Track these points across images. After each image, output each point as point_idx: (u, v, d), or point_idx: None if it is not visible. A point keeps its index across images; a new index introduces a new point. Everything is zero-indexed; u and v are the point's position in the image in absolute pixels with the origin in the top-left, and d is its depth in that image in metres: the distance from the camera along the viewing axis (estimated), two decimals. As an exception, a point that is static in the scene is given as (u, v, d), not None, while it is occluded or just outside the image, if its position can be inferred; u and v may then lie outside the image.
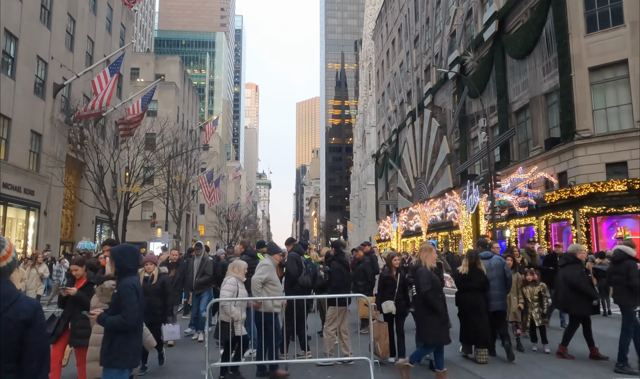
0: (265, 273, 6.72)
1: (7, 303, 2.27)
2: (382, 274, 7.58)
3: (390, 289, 7.30)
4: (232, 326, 6.29)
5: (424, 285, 6.28)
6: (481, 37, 29.93)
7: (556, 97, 23.09)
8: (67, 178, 25.86)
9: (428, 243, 9.71)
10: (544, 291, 8.45)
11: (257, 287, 6.56)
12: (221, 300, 6.43)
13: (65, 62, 24.90)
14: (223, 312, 6.35)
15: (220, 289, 6.63)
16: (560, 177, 22.31)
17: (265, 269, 6.77)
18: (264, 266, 6.82)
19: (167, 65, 53.03)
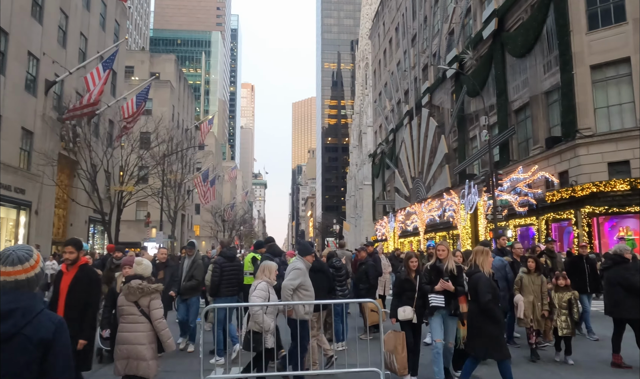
0: (298, 279, 6.16)
1: (27, 318, 2.07)
2: (399, 277, 6.75)
3: (408, 294, 6.49)
4: None
5: (485, 294, 5.62)
6: (480, 35, 29.63)
7: (557, 95, 22.80)
8: (60, 177, 25.34)
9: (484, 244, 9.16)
10: (575, 299, 7.75)
11: (287, 294, 6.04)
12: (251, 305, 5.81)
13: (57, 58, 24.38)
14: (253, 321, 5.74)
15: (250, 294, 6.01)
16: (561, 176, 22.01)
17: (297, 274, 6.19)
18: (296, 271, 6.22)
19: (162, 64, 52.48)
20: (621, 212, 19.43)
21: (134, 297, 4.97)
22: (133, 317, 4.92)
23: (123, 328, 4.93)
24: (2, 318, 2.04)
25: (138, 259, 5.48)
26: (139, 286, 4.96)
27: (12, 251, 2.24)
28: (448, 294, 6.12)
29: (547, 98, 23.82)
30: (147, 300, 4.96)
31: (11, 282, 2.16)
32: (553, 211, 22.17)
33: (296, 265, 6.43)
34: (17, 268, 2.19)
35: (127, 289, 5.02)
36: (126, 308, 4.96)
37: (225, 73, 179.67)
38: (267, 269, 6.11)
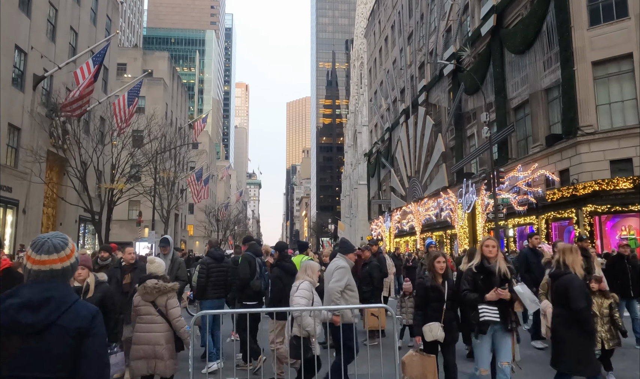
0: (344, 278, 5.55)
1: (63, 308, 2.00)
2: (422, 282, 5.45)
3: (435, 306, 5.25)
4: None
5: (579, 300, 4.79)
6: (478, 32, 29.24)
7: (557, 92, 22.44)
8: (49, 175, 24.66)
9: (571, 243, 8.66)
10: (615, 304, 6.62)
11: (335, 296, 5.42)
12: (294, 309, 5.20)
13: (46, 52, 23.69)
14: (297, 325, 5.24)
15: (292, 296, 5.43)
16: (562, 174, 21.64)
17: (343, 273, 5.59)
18: (341, 270, 5.61)
19: (156, 61, 51.75)
20: (624, 211, 19.07)
21: (150, 297, 4.98)
22: (150, 317, 4.94)
23: (140, 328, 4.95)
24: (36, 307, 1.96)
25: (150, 258, 5.45)
26: (156, 286, 4.98)
27: (47, 238, 2.13)
28: (502, 303, 4.95)
29: (547, 96, 23.45)
30: (164, 299, 4.98)
31: (46, 271, 2.06)
32: (553, 210, 21.79)
33: (339, 263, 5.79)
34: (53, 256, 2.09)
35: (144, 289, 5.00)
36: (143, 308, 4.98)
37: (219, 72, 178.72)
38: (310, 268, 5.57)
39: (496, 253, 5.15)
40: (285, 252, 6.96)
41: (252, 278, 6.90)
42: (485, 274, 5.07)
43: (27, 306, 1.95)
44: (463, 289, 5.11)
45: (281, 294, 6.33)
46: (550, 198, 21.52)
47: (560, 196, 20.82)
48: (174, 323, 4.95)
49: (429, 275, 5.45)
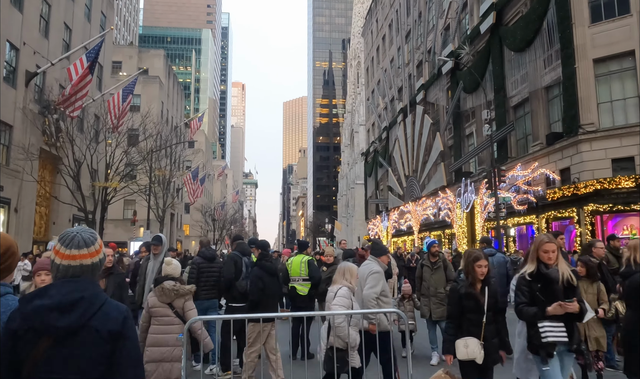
0: (379, 283, 5.15)
1: (94, 309, 1.92)
2: (455, 288, 4.54)
3: (473, 318, 4.29)
4: None
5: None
6: (477, 29, 28.98)
7: (558, 90, 22.20)
8: (41, 173, 24.23)
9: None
10: None
11: (372, 304, 5.03)
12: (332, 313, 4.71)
13: (39, 49, 23.27)
14: (334, 335, 4.80)
15: (328, 303, 4.96)
16: (562, 173, 21.40)
17: (377, 278, 5.19)
18: (375, 275, 5.20)
19: (151, 59, 51.30)
20: (625, 210, 18.84)
21: (168, 298, 4.95)
22: (168, 318, 4.91)
23: (157, 330, 4.89)
24: (67, 309, 1.87)
25: (167, 259, 5.34)
26: (174, 288, 4.95)
27: (77, 233, 2.05)
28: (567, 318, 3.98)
29: (547, 94, 23.21)
30: (181, 301, 4.96)
31: (76, 267, 1.98)
32: (554, 209, 21.54)
33: (372, 267, 5.35)
34: (83, 251, 2.00)
35: (161, 290, 4.95)
36: (160, 310, 4.93)
37: (215, 71, 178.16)
38: (348, 271, 5.07)
39: (556, 257, 4.20)
40: (267, 251, 6.58)
41: (237, 278, 6.59)
42: (544, 282, 4.16)
43: (58, 307, 1.87)
44: (518, 302, 4.24)
45: (261, 295, 6.01)
46: (550, 198, 21.27)
47: (561, 196, 20.58)
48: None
49: (468, 279, 4.47)
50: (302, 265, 7.44)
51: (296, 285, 7.48)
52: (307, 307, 7.36)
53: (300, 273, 7.43)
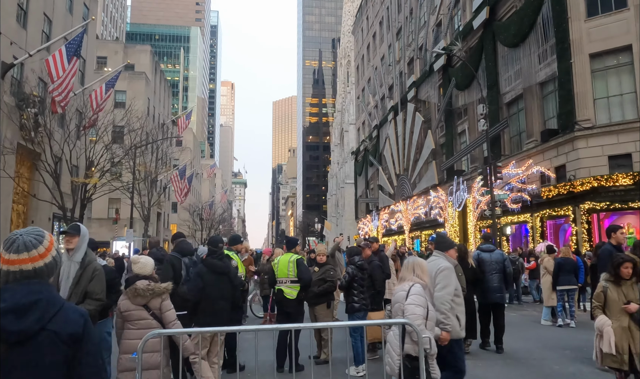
0: (452, 282, 4.46)
1: (52, 311, 1.82)
2: None
3: None
4: None
5: None
6: (470, 25, 28.49)
7: (553, 86, 21.75)
8: (20, 170, 23.20)
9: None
10: None
11: (446, 307, 4.35)
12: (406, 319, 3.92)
13: (16, 39, 22.23)
14: (411, 342, 3.98)
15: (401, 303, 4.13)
16: (558, 170, 20.94)
17: (448, 275, 4.49)
18: (446, 272, 4.50)
19: (137, 55, 50.16)
20: (623, 208, 18.39)
21: (143, 300, 4.54)
22: (145, 322, 4.48)
23: (133, 335, 4.45)
24: (23, 312, 1.77)
25: (134, 257, 4.93)
26: (149, 287, 4.53)
27: (19, 235, 1.92)
28: None
29: (542, 90, 22.75)
30: (158, 301, 4.57)
31: (16, 272, 1.87)
32: (549, 207, 21.08)
33: (440, 264, 4.61)
34: (23, 255, 1.88)
35: (134, 291, 4.52)
36: (135, 313, 4.50)
37: (204, 70, 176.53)
38: (418, 267, 4.28)
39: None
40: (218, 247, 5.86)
41: (177, 283, 5.85)
42: None
43: (13, 311, 1.77)
44: None
45: (201, 294, 5.37)
46: (545, 195, 20.81)
47: (557, 193, 20.12)
48: (170, 326, 4.53)
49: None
50: (290, 264, 6.57)
51: (283, 287, 6.62)
52: (296, 312, 6.56)
53: (288, 274, 6.57)
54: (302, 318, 6.64)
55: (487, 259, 8.35)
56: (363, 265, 6.58)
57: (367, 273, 6.58)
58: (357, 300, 6.40)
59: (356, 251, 6.80)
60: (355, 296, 6.40)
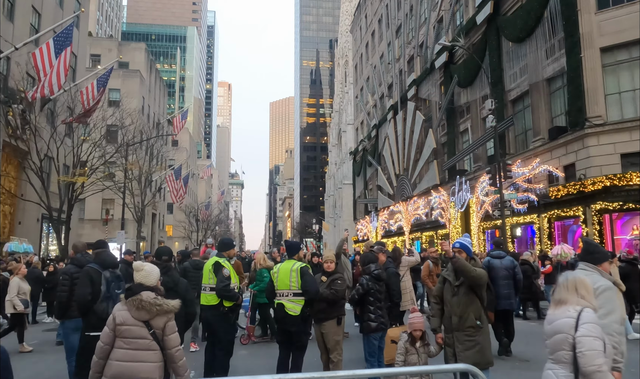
0: (618, 306, 3.42)
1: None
2: None
3: None
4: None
5: None
6: (473, 21, 27.68)
7: (561, 82, 20.96)
8: (6, 169, 22.26)
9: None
10: None
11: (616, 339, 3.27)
12: None
13: (3, 32, 21.32)
14: None
15: (575, 337, 3.03)
16: (566, 169, 20.13)
17: (611, 297, 3.42)
18: (608, 293, 3.41)
19: (132, 52, 49.19)
20: (637, 208, 17.56)
21: (147, 315, 3.78)
22: (143, 342, 3.74)
23: (126, 356, 3.73)
24: None
25: (137, 264, 4.09)
26: (157, 302, 3.79)
27: None
28: None
29: (549, 86, 21.95)
30: (163, 320, 3.82)
31: None
32: (557, 208, 20.26)
33: (598, 281, 3.50)
34: None
35: (139, 303, 3.76)
36: (133, 330, 3.75)
37: (201, 70, 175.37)
38: (582, 286, 3.24)
39: None
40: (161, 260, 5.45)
41: (94, 299, 5.20)
42: None
43: None
44: None
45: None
46: (553, 195, 20.00)
47: (566, 193, 19.31)
48: (172, 353, 3.79)
49: None
50: (292, 273, 5.46)
51: (284, 301, 5.49)
52: (300, 331, 5.48)
53: (290, 286, 5.46)
54: (307, 339, 5.65)
55: (497, 265, 8.30)
56: (380, 275, 5.63)
57: (384, 284, 5.63)
58: (373, 318, 5.48)
59: (371, 258, 5.79)
60: (371, 312, 5.49)
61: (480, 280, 4.66)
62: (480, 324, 4.69)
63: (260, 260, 9.14)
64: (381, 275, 5.56)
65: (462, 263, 4.66)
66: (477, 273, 4.65)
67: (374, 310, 5.48)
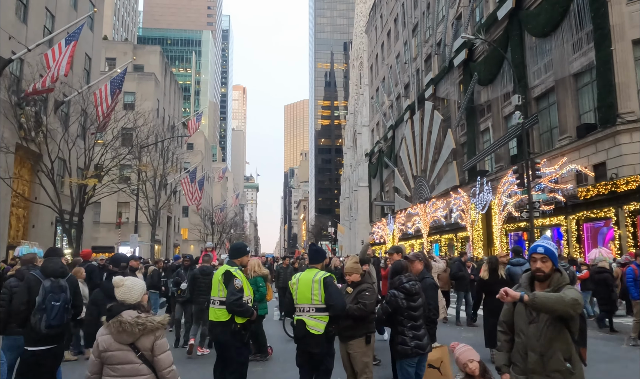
0: None
1: None
2: None
3: None
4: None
5: None
6: (494, 16, 26.81)
7: (589, 77, 20.00)
8: (20, 171, 22.04)
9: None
10: None
11: None
12: None
13: (15, 34, 21.10)
14: None
15: None
16: (596, 168, 19.15)
17: None
18: None
19: (147, 55, 49.18)
20: (674, 209, 16.56)
21: (130, 337, 3.39)
22: (131, 367, 3.37)
23: None
24: None
25: (117, 279, 3.61)
26: (138, 321, 3.39)
27: None
28: None
29: (576, 82, 20.98)
30: (149, 340, 3.41)
31: None
32: (586, 209, 19.28)
33: None
34: None
35: (119, 326, 3.37)
36: (117, 355, 3.37)
37: (216, 73, 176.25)
38: None
39: None
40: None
41: (29, 309, 4.74)
42: None
43: None
44: None
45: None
46: (582, 196, 19.04)
47: (596, 194, 18.35)
48: (163, 374, 3.40)
49: None
50: (314, 285, 4.64)
51: (305, 317, 4.65)
52: (324, 353, 4.61)
53: (312, 299, 4.64)
54: (332, 362, 4.80)
55: (518, 273, 8.21)
56: (414, 288, 4.73)
57: (419, 298, 4.73)
58: (408, 340, 4.60)
59: (402, 268, 4.90)
60: (405, 334, 4.63)
61: (575, 308, 3.06)
62: (571, 368, 3.15)
63: (255, 266, 8.25)
64: (414, 288, 4.72)
65: (542, 301, 3.05)
66: (570, 301, 3.04)
67: (409, 330, 4.64)
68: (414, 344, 4.54)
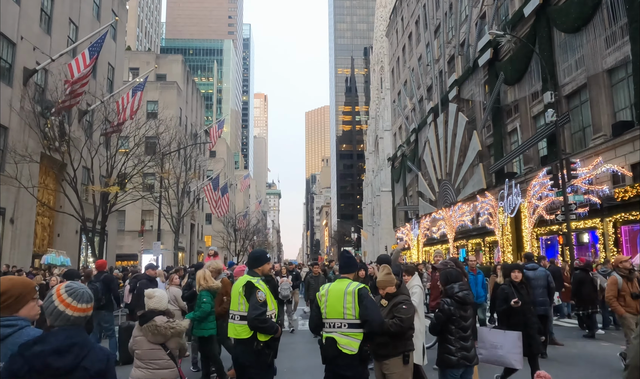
0: None
1: (84, 352, 2.26)
2: None
3: None
4: None
5: None
6: (520, 13, 26.01)
7: (624, 72, 19.07)
8: (45, 181, 22.24)
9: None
10: None
11: None
12: None
13: (40, 45, 21.35)
14: None
15: None
16: (634, 168, 18.19)
17: None
18: None
19: (169, 65, 49.66)
20: None
21: (162, 338, 4.27)
22: (162, 362, 4.23)
23: (145, 376, 4.22)
24: (63, 352, 2.20)
25: (149, 291, 4.55)
26: (170, 325, 4.26)
27: (82, 289, 2.41)
28: None
29: (610, 78, 20.05)
30: (177, 340, 4.34)
31: (82, 318, 2.36)
32: (624, 210, 18.31)
33: None
34: (90, 305, 2.41)
35: (155, 329, 4.21)
36: (150, 352, 4.23)
37: (237, 82, 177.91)
38: None
39: None
40: None
41: None
42: None
43: (56, 351, 2.19)
44: None
45: None
46: (620, 197, 18.09)
47: (635, 194, 17.39)
48: None
49: None
50: (347, 297, 4.09)
51: (337, 335, 4.09)
52: (357, 375, 4.05)
53: (345, 314, 4.08)
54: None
55: (531, 276, 9.06)
56: (466, 297, 4.40)
57: (470, 309, 4.39)
58: (454, 350, 4.29)
59: (455, 276, 4.50)
60: (451, 343, 4.31)
61: None
62: None
63: (200, 278, 7.00)
64: (467, 297, 4.33)
65: None
66: None
67: (456, 340, 4.29)
68: (460, 355, 4.24)
